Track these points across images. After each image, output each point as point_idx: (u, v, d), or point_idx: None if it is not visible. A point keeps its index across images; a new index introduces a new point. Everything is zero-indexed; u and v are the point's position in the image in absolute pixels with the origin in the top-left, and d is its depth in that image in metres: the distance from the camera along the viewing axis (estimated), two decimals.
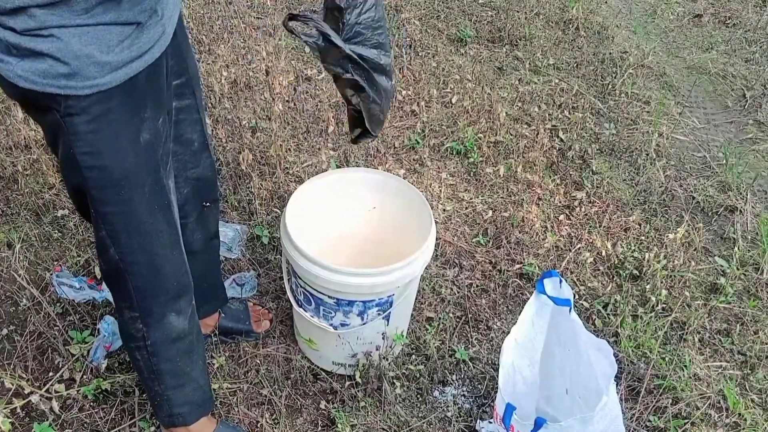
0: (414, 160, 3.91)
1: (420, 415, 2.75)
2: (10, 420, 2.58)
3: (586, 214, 3.64)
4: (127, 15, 1.69)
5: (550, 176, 3.86)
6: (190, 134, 2.30)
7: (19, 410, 2.65)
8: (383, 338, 2.71)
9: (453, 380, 2.88)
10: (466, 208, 3.65)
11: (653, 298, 3.16)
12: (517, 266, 3.35)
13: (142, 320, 2.13)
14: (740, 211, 3.75)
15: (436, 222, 3.36)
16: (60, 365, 2.79)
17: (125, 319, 2.16)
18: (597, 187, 3.82)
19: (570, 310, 2.23)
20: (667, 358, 2.98)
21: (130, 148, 1.85)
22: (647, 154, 4.07)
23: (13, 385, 2.63)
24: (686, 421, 2.76)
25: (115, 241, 1.96)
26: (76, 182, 1.89)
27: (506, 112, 4.20)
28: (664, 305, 3.19)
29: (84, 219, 2.17)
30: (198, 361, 2.37)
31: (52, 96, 1.69)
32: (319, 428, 2.71)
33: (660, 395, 2.84)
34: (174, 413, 2.39)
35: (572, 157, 3.99)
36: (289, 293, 2.73)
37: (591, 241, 3.48)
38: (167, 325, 2.17)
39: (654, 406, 2.81)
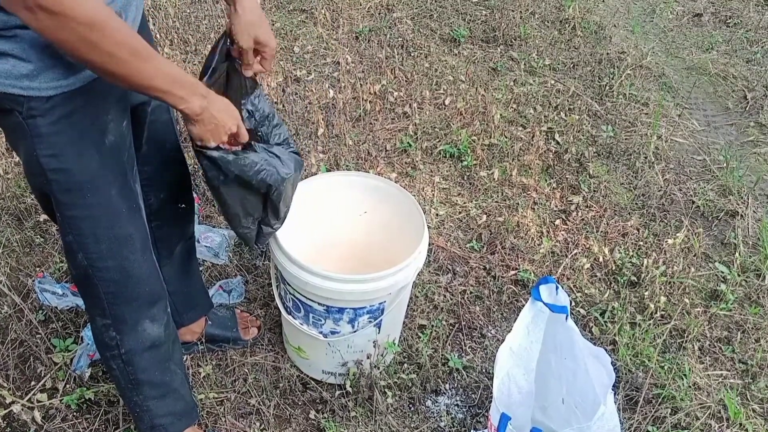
0: (406, 163, 3.91)
1: (412, 425, 2.75)
2: None
3: (582, 219, 3.65)
4: None
5: (545, 180, 3.87)
6: (162, 135, 2.31)
7: (0, 420, 2.65)
8: (374, 346, 2.71)
9: (446, 389, 2.89)
10: (460, 213, 3.65)
11: (652, 305, 3.17)
12: (512, 272, 3.36)
13: (114, 328, 2.13)
14: (741, 215, 3.77)
15: (429, 227, 3.37)
16: (42, 374, 2.79)
17: (98, 327, 2.15)
18: (594, 191, 3.83)
19: (566, 318, 2.24)
20: (666, 367, 2.98)
21: (95, 150, 1.86)
22: (646, 157, 4.08)
23: None
24: (686, 431, 2.77)
25: (82, 246, 1.96)
26: (41, 185, 1.88)
27: (501, 114, 4.21)
28: (663, 312, 3.20)
29: (53, 222, 2.16)
30: (177, 370, 2.36)
31: (14, 97, 1.69)
32: None
33: (659, 405, 2.84)
34: (155, 424, 2.38)
35: (569, 160, 4.00)
36: (277, 300, 2.73)
37: (588, 246, 3.49)
38: (141, 332, 2.16)
39: (653, 416, 2.81)
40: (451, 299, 3.23)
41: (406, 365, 2.93)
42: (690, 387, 2.92)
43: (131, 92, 1.99)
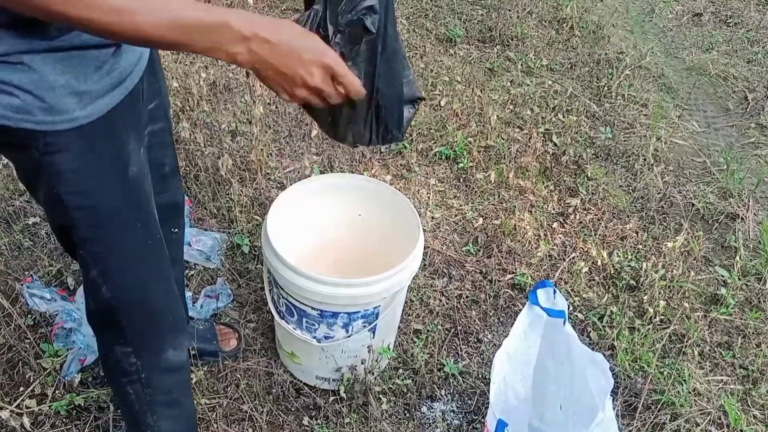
0: (401, 165, 3.92)
1: (407, 431, 2.76)
2: None
3: (580, 222, 3.66)
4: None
5: (543, 182, 3.88)
6: (161, 158, 2.24)
7: None
8: (369, 351, 2.72)
9: (442, 395, 2.89)
10: (456, 216, 3.66)
11: (651, 310, 3.17)
12: (509, 276, 3.36)
13: (136, 355, 2.08)
14: (742, 218, 3.78)
15: (424, 230, 3.37)
16: (31, 380, 2.79)
17: (116, 355, 2.09)
18: (592, 193, 3.83)
19: (564, 322, 2.24)
20: (665, 372, 2.99)
21: (119, 183, 1.78)
22: (645, 159, 4.09)
23: None
24: None
25: (107, 279, 1.89)
26: (63, 223, 1.80)
27: (497, 115, 4.21)
28: (662, 317, 3.20)
29: (71, 257, 2.11)
30: (189, 389, 2.36)
31: (29, 133, 1.58)
32: None
33: (658, 411, 2.85)
34: None
35: (566, 162, 4.01)
36: (270, 304, 2.73)
37: (586, 249, 3.49)
38: (165, 360, 2.14)
39: (652, 422, 2.82)
40: (447, 303, 3.23)
41: (401, 370, 2.93)
42: (690, 393, 2.92)
43: (144, 116, 1.96)
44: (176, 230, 2.50)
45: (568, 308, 2.69)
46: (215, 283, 3.20)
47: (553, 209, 3.73)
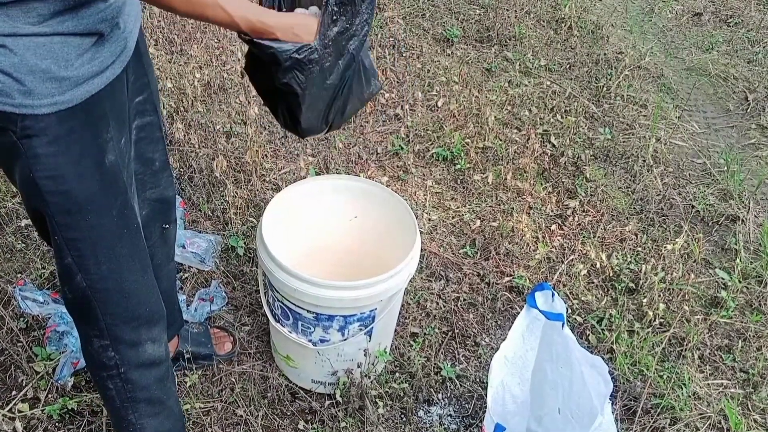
0: (398, 166, 3.92)
1: None
2: None
3: (579, 224, 3.66)
4: (87, 23, 1.66)
5: (541, 184, 3.88)
6: (151, 153, 2.26)
7: None
8: (365, 355, 2.72)
9: (439, 399, 2.89)
10: (453, 218, 3.66)
11: (650, 313, 3.17)
12: (507, 279, 3.36)
13: (114, 348, 2.09)
14: (742, 220, 3.78)
15: (421, 232, 3.38)
16: (24, 383, 2.79)
17: (95, 348, 2.10)
18: (591, 195, 3.84)
19: (563, 325, 2.25)
20: (665, 376, 2.99)
21: (95, 170, 1.81)
22: (644, 161, 4.10)
23: None
24: None
25: (82, 267, 1.92)
26: (38, 207, 1.83)
27: (495, 116, 4.21)
28: (661, 320, 3.21)
29: (46, 243, 2.12)
30: (171, 387, 2.36)
31: (7, 115, 1.63)
32: None
33: (658, 415, 2.85)
34: None
35: (565, 163, 4.01)
36: (265, 307, 2.73)
37: (585, 252, 3.50)
38: (143, 353, 2.14)
39: (651, 426, 2.82)
40: (444, 306, 3.23)
41: (397, 374, 2.93)
42: (690, 396, 2.93)
43: (129, 108, 1.99)
44: (167, 226, 2.50)
45: (567, 311, 2.69)
46: (209, 286, 3.21)
47: (552, 211, 3.74)
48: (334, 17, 1.83)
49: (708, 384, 3.01)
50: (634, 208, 3.83)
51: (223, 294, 3.18)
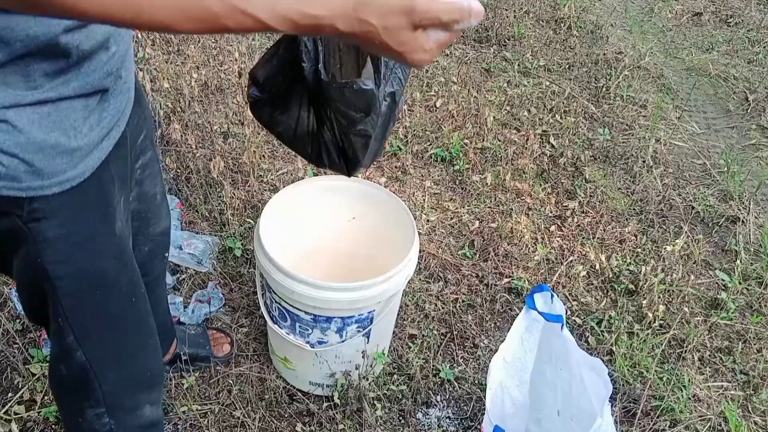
0: (396, 167, 3.92)
1: None
2: None
3: (578, 225, 3.66)
4: (92, 80, 1.47)
5: (540, 185, 3.88)
6: (152, 187, 2.14)
7: None
8: (363, 357, 2.72)
9: (437, 401, 2.89)
10: (452, 219, 3.66)
11: (650, 314, 3.17)
12: (506, 280, 3.36)
13: (109, 414, 1.94)
14: (742, 221, 3.78)
15: (420, 233, 3.37)
16: (20, 385, 2.78)
17: (87, 419, 1.94)
18: (590, 196, 3.84)
19: (562, 327, 2.24)
20: (664, 378, 2.99)
21: (108, 244, 1.69)
22: (644, 161, 4.10)
23: None
24: None
25: (84, 343, 1.76)
26: (42, 293, 1.66)
27: (494, 117, 4.22)
28: (661, 322, 3.21)
29: (40, 325, 1.96)
30: None
31: (13, 200, 1.45)
32: None
33: (657, 417, 2.85)
34: None
35: (564, 164, 4.01)
36: (263, 309, 2.73)
37: (584, 253, 3.50)
38: (140, 416, 2.03)
39: (651, 428, 2.82)
40: (443, 308, 3.23)
41: (395, 376, 2.93)
42: (689, 399, 2.93)
43: (129, 158, 1.83)
44: (167, 254, 2.46)
45: (566, 313, 2.69)
46: (206, 287, 3.20)
47: (551, 212, 3.74)
48: None
49: (708, 386, 3.01)
50: (634, 209, 3.83)
51: (220, 295, 3.18)
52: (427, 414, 2.85)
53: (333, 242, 2.97)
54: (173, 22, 1.03)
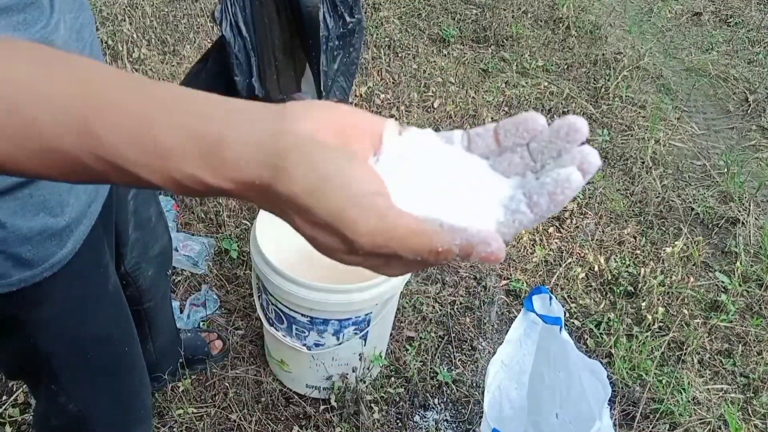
0: None
1: None
2: None
3: (577, 227, 3.66)
4: None
5: None
6: (146, 211, 2.07)
7: None
8: (360, 359, 2.72)
9: (435, 404, 2.89)
10: None
11: (649, 317, 3.18)
12: (504, 282, 3.36)
13: None
14: (742, 223, 3.78)
15: None
16: (14, 388, 2.78)
17: None
18: (589, 197, 3.84)
19: (560, 329, 2.25)
20: (664, 381, 3.00)
21: (101, 306, 1.63)
22: (643, 162, 4.10)
23: None
24: None
25: (77, 398, 1.72)
26: (30, 365, 1.62)
27: (492, 117, 4.22)
28: (661, 324, 3.21)
29: (13, 380, 1.85)
30: None
31: (2, 296, 1.36)
32: None
33: (657, 420, 2.85)
34: None
35: None
36: (259, 311, 2.73)
37: (583, 255, 3.50)
38: None
39: (650, 431, 2.82)
40: (440, 310, 3.23)
41: (393, 379, 2.93)
42: (689, 401, 2.93)
43: (115, 202, 1.77)
44: (170, 271, 2.43)
45: (565, 315, 2.69)
46: (199, 291, 3.20)
47: None
48: (336, 53, 1.73)
49: (708, 389, 3.01)
50: (633, 211, 3.83)
51: (215, 297, 3.17)
52: (425, 417, 2.85)
53: None
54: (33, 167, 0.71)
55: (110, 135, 0.65)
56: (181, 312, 3.10)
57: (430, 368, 2.99)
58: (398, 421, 2.82)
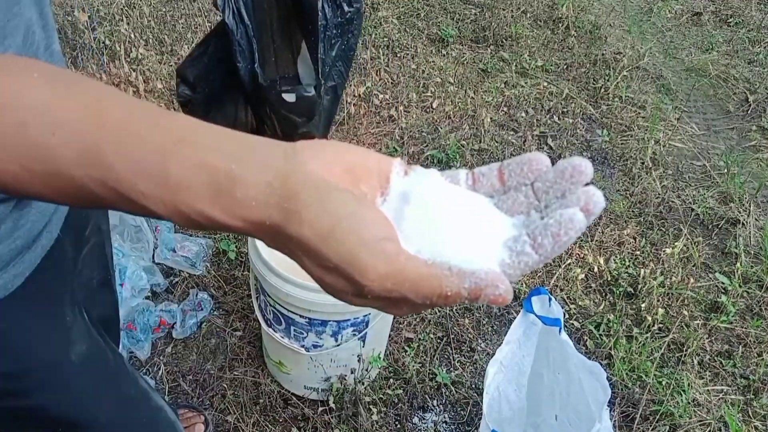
0: None
1: None
2: None
3: None
4: None
5: None
6: (89, 272, 1.69)
7: None
8: (359, 361, 2.72)
9: (434, 406, 2.89)
10: None
11: (649, 318, 3.18)
12: None
13: None
14: (743, 223, 3.78)
15: None
16: None
17: None
18: None
19: (560, 331, 2.24)
20: (664, 382, 2.99)
21: (61, 376, 1.38)
22: (643, 163, 4.10)
23: None
24: None
25: None
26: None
27: (491, 118, 4.22)
28: (660, 325, 3.21)
29: None
30: None
31: None
32: None
33: (657, 422, 2.85)
34: None
35: None
36: (257, 312, 2.73)
37: (582, 256, 3.50)
38: None
39: None
40: (439, 311, 3.23)
41: (392, 380, 2.93)
42: (689, 403, 2.93)
43: (69, 258, 1.47)
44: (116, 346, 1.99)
45: (564, 316, 2.69)
46: (188, 296, 3.18)
47: None
48: (333, 41, 1.75)
49: (708, 390, 3.01)
50: (633, 212, 3.83)
51: (207, 297, 3.17)
52: (424, 419, 2.85)
53: None
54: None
55: (122, 164, 0.67)
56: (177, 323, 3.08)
57: (429, 370, 2.98)
58: (397, 422, 2.82)
